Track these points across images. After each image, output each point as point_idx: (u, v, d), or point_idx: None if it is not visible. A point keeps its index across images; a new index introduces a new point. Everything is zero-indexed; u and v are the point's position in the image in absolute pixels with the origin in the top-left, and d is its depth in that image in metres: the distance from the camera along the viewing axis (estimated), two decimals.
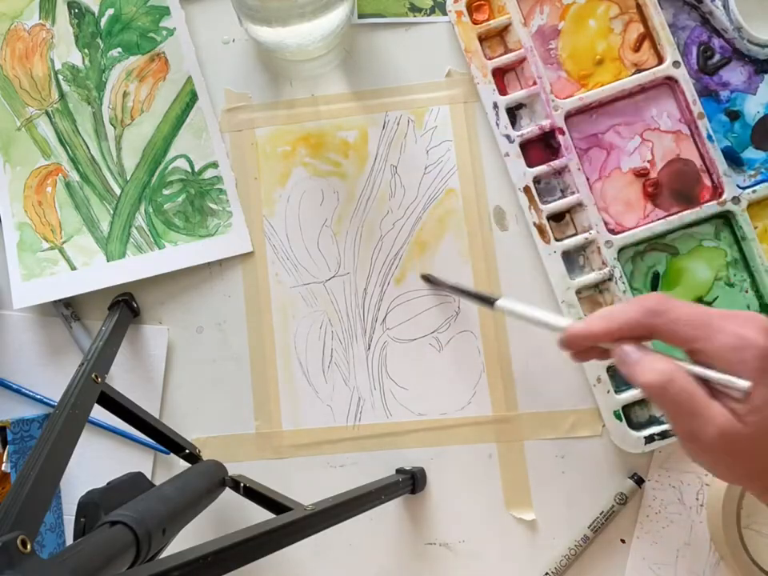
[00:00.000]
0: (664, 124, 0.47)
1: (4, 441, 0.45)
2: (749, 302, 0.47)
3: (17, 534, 0.25)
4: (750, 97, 0.47)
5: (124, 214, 0.49)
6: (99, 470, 0.48)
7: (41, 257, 0.49)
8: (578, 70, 0.48)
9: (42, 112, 0.50)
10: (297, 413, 0.48)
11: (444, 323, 0.47)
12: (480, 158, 0.48)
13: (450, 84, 0.48)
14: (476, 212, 0.48)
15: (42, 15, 0.50)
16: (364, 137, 0.49)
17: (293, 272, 0.49)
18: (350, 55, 0.49)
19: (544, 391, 0.47)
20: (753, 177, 0.47)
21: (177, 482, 0.39)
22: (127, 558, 0.30)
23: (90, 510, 0.33)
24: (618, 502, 0.45)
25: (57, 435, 0.33)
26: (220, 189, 0.49)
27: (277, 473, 0.47)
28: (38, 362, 0.49)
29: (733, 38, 0.47)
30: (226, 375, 0.48)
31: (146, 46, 0.49)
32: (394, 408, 0.47)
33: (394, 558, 0.47)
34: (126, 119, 0.49)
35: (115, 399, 0.40)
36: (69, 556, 0.27)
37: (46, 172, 0.50)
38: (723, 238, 0.47)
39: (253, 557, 0.31)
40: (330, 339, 0.48)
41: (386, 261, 0.48)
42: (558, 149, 0.47)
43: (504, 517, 0.46)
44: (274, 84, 0.49)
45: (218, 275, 0.49)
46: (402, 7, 0.49)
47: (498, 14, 0.48)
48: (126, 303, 0.47)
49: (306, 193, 0.49)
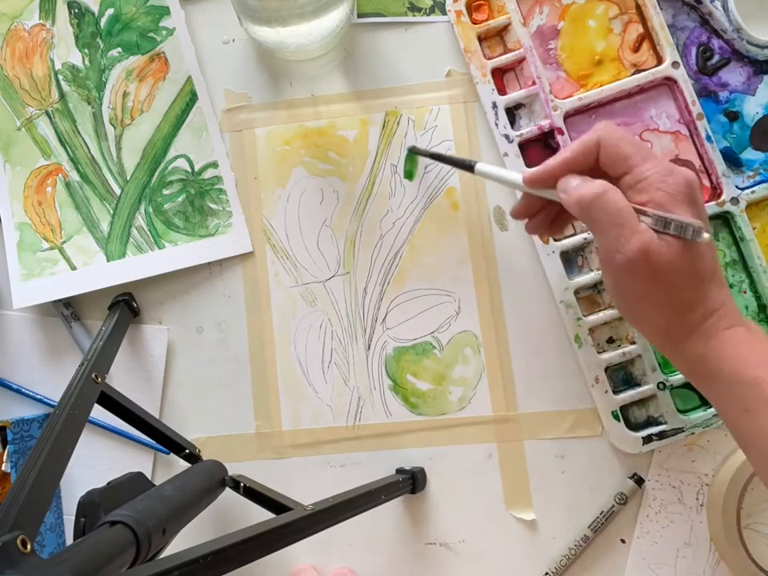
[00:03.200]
0: (663, 124, 0.47)
1: (4, 441, 0.45)
2: (747, 303, 0.47)
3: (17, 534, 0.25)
4: (749, 98, 0.47)
5: (124, 213, 0.49)
6: (99, 470, 0.48)
7: (41, 257, 0.49)
8: (577, 71, 0.48)
9: (42, 112, 0.50)
10: (297, 413, 0.48)
11: (444, 323, 0.48)
12: (480, 157, 0.48)
13: (450, 84, 0.48)
14: (476, 212, 0.48)
15: (42, 15, 0.50)
16: (364, 136, 0.49)
17: (293, 272, 0.49)
18: (350, 55, 0.49)
19: (544, 391, 0.47)
20: (751, 177, 0.47)
21: (177, 481, 0.39)
22: (127, 558, 0.30)
23: (90, 510, 0.33)
24: (618, 501, 0.45)
25: (57, 435, 0.33)
26: (220, 189, 0.49)
27: (277, 473, 0.47)
28: (38, 362, 0.49)
29: (732, 39, 0.47)
30: (225, 375, 0.48)
31: (145, 46, 0.49)
32: (394, 408, 0.47)
33: (394, 558, 0.47)
34: (125, 119, 0.49)
35: (115, 399, 0.40)
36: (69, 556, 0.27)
37: (45, 172, 0.50)
38: (722, 238, 0.47)
39: (253, 557, 0.31)
40: (330, 339, 0.48)
41: (386, 260, 0.48)
42: (557, 149, 0.47)
43: (504, 517, 0.46)
44: (273, 84, 0.50)
45: (217, 275, 0.49)
46: (401, 7, 0.49)
47: (498, 14, 0.48)
48: (126, 303, 0.47)
49: (306, 192, 0.49)
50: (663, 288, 0.33)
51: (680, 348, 0.35)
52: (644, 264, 0.32)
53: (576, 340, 0.46)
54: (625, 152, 0.34)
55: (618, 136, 0.34)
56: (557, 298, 0.46)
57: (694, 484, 0.46)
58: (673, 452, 0.46)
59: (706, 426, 0.45)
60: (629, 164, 0.34)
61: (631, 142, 0.34)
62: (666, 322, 0.34)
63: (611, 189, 0.33)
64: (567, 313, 0.46)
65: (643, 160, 0.34)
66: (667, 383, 0.45)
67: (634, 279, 0.33)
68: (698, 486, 0.46)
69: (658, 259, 0.32)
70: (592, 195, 0.33)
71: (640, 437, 0.45)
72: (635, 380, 0.46)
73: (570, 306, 0.46)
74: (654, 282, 0.33)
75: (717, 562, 0.45)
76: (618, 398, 0.45)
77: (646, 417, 0.46)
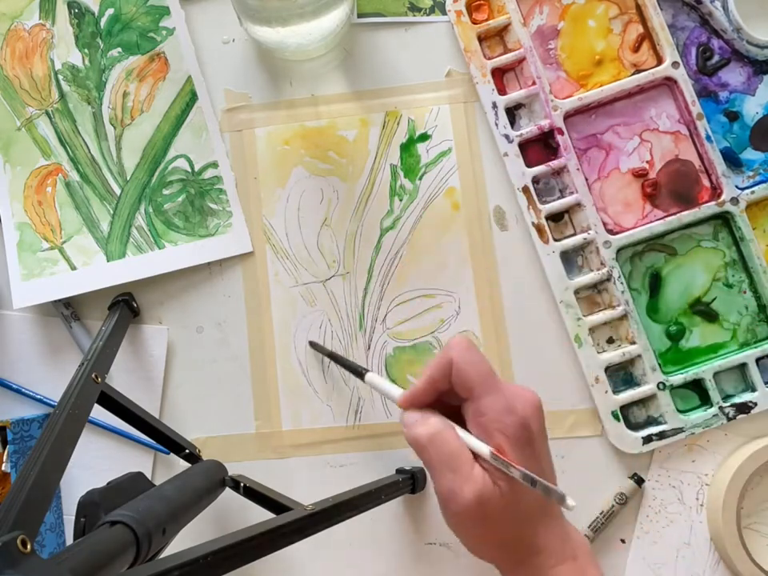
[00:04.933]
0: (663, 124, 0.47)
1: (4, 441, 0.45)
2: (747, 303, 0.47)
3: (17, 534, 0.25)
4: (748, 98, 0.47)
5: (124, 213, 0.49)
6: (99, 470, 0.48)
7: (41, 257, 0.49)
8: (577, 70, 0.48)
9: (42, 112, 0.50)
10: (297, 413, 0.48)
11: (444, 323, 0.48)
12: (480, 157, 0.48)
13: (450, 84, 0.48)
14: (476, 212, 0.48)
15: (42, 15, 0.50)
16: (364, 136, 0.49)
17: (292, 272, 0.49)
18: (350, 55, 0.49)
19: (544, 391, 0.46)
20: (751, 178, 0.47)
21: (177, 481, 0.39)
22: (127, 558, 0.30)
23: (90, 510, 0.33)
24: (618, 501, 0.45)
25: (57, 435, 0.32)
26: (220, 189, 0.49)
27: (277, 473, 0.47)
28: (38, 362, 0.49)
29: (732, 39, 0.47)
30: (225, 375, 0.48)
31: (145, 45, 0.49)
32: (394, 408, 0.47)
33: (394, 558, 0.47)
34: (125, 119, 0.49)
35: (115, 399, 0.40)
36: (69, 556, 0.27)
37: (45, 172, 0.50)
38: (722, 238, 0.47)
39: (253, 557, 0.31)
40: (330, 339, 0.48)
41: (386, 260, 0.48)
42: (557, 149, 0.47)
43: None
44: (273, 84, 0.50)
45: (217, 275, 0.49)
46: (401, 6, 0.49)
47: (498, 14, 0.48)
48: (126, 303, 0.47)
49: (306, 192, 0.49)
50: (494, 528, 0.34)
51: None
52: (477, 510, 0.32)
53: (576, 340, 0.46)
54: (470, 381, 0.33)
55: (468, 360, 0.34)
56: (557, 298, 0.46)
57: (694, 484, 0.46)
58: (673, 452, 0.46)
59: (706, 426, 0.45)
60: (472, 394, 0.33)
61: (478, 371, 0.34)
62: (499, 554, 0.35)
63: (445, 429, 0.33)
64: (567, 313, 0.46)
65: (485, 392, 0.33)
66: (667, 383, 0.45)
67: (469, 522, 0.34)
68: (698, 486, 0.46)
69: (490, 505, 0.32)
70: (427, 436, 0.33)
71: (640, 437, 0.45)
72: (635, 380, 0.46)
73: (570, 306, 0.46)
74: (486, 524, 0.33)
75: (717, 562, 0.45)
76: (618, 398, 0.45)
77: (646, 417, 0.46)
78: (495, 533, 0.34)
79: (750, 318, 0.47)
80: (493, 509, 0.32)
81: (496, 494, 0.32)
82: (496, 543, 0.34)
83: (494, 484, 0.32)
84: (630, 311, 0.46)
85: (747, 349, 0.46)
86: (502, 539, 0.34)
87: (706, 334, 0.47)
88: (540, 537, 0.34)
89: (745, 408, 0.45)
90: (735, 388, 0.46)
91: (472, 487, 0.32)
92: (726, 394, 0.46)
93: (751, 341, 0.47)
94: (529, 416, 0.33)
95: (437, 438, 0.33)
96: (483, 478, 0.32)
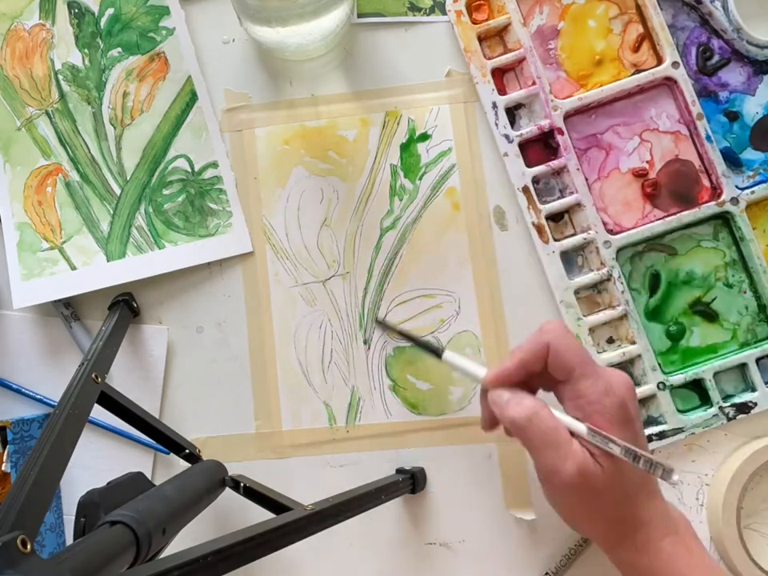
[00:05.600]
0: (663, 124, 0.47)
1: (4, 441, 0.45)
2: (747, 303, 0.47)
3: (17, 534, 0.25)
4: (748, 98, 0.47)
5: (124, 213, 0.49)
6: (99, 469, 0.48)
7: (41, 257, 0.49)
8: (577, 70, 0.48)
9: (42, 112, 0.50)
10: (297, 413, 0.48)
11: (444, 323, 0.48)
12: (480, 157, 0.48)
13: (450, 84, 0.48)
14: (476, 211, 0.48)
15: (42, 15, 0.50)
16: (364, 136, 0.49)
17: (292, 272, 0.49)
18: (350, 55, 0.49)
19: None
20: (751, 178, 0.47)
21: (177, 481, 0.39)
22: (127, 558, 0.30)
23: (90, 510, 0.33)
24: None
25: (57, 435, 0.32)
26: (220, 189, 0.49)
27: (277, 473, 0.47)
28: (38, 362, 0.49)
29: (732, 39, 0.47)
30: (225, 375, 0.48)
31: (145, 45, 0.49)
32: (394, 408, 0.47)
33: (394, 557, 0.47)
34: (125, 119, 0.49)
35: (115, 399, 0.40)
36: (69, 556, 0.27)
37: (45, 172, 0.50)
38: (722, 238, 0.47)
39: (253, 557, 0.31)
40: (330, 339, 0.48)
41: (386, 260, 0.48)
42: (557, 149, 0.47)
43: (504, 517, 0.46)
44: (273, 84, 0.50)
45: (217, 275, 0.49)
46: (401, 7, 0.49)
47: (498, 14, 0.48)
48: (126, 303, 0.47)
49: (306, 192, 0.49)
50: (598, 504, 0.34)
51: (614, 553, 0.36)
52: (581, 485, 0.33)
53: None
54: (569, 364, 0.35)
55: (566, 344, 0.35)
56: (557, 298, 0.46)
57: (694, 484, 0.46)
58: (673, 452, 0.46)
59: (706, 426, 0.45)
60: (571, 377, 0.35)
61: (576, 353, 0.35)
62: (602, 530, 0.36)
63: (541, 409, 0.34)
64: (567, 313, 0.46)
65: (583, 375, 0.35)
66: (667, 383, 0.45)
67: (572, 497, 0.35)
68: (698, 486, 0.46)
69: (594, 480, 0.33)
70: (525, 417, 0.34)
71: None
72: (635, 380, 0.46)
73: (570, 306, 0.46)
74: (589, 499, 0.34)
75: (717, 561, 0.45)
76: None
77: (646, 417, 0.46)
78: (599, 509, 0.35)
79: (750, 317, 0.47)
80: (595, 484, 0.33)
81: (598, 471, 0.33)
82: (600, 519, 0.35)
83: (594, 462, 0.33)
84: (629, 311, 0.46)
85: (747, 349, 0.46)
86: (605, 515, 0.35)
87: (706, 334, 0.47)
88: (643, 512, 0.35)
89: (745, 408, 0.45)
90: (735, 388, 0.46)
91: (574, 462, 0.33)
92: (726, 393, 0.46)
93: (751, 341, 0.47)
94: (626, 397, 0.34)
95: (535, 417, 0.34)
96: (584, 453, 0.33)
